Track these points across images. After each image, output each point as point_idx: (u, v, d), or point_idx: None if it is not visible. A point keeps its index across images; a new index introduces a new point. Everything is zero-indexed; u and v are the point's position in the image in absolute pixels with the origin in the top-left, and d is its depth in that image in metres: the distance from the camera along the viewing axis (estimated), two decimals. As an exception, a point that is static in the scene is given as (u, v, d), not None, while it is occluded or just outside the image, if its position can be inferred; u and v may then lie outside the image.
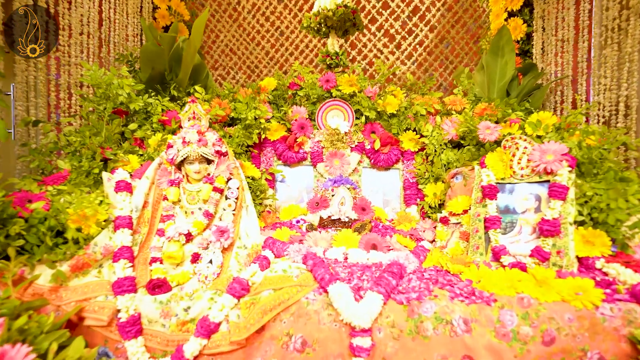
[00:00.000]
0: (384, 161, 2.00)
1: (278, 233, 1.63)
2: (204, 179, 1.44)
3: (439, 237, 1.61)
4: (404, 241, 1.59)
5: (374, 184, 2.05)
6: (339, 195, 1.91)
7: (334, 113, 2.07)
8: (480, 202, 1.46)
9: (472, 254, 1.42)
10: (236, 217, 1.41)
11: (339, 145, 2.02)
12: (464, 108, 2.00)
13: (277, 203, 2.04)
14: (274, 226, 1.81)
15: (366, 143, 2.05)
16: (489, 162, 1.49)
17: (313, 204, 1.91)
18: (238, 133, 1.94)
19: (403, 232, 1.71)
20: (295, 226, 1.78)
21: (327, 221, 1.81)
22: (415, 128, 1.99)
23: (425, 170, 1.94)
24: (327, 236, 1.56)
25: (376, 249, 1.50)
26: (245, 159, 1.98)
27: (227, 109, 1.99)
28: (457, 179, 1.73)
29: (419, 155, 2.00)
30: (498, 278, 1.21)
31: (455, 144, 1.94)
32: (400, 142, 2.01)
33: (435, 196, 1.82)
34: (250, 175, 1.90)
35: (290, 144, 2.02)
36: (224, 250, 1.33)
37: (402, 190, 2.02)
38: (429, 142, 1.92)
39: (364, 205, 1.89)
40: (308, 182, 2.07)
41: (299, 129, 2.06)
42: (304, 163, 2.08)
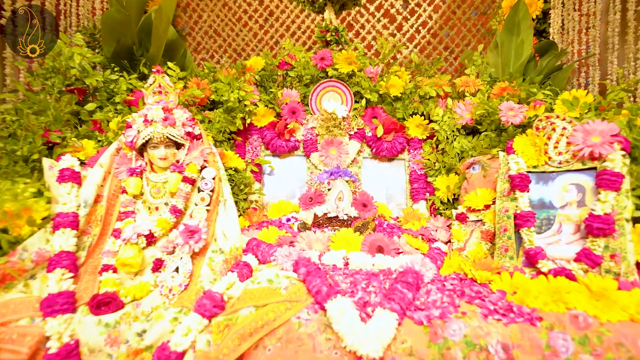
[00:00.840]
0: (387, 150, 1.74)
1: (264, 233, 1.36)
2: (171, 167, 1.17)
3: (456, 238, 1.36)
4: (414, 242, 1.33)
5: (376, 177, 1.79)
6: (336, 190, 1.65)
7: (330, 95, 1.81)
8: (508, 194, 1.21)
9: (500, 258, 1.17)
10: (211, 214, 1.14)
11: (335, 132, 1.76)
12: (478, 90, 1.75)
13: (264, 199, 1.77)
14: (260, 225, 1.55)
15: (367, 130, 1.79)
16: (517, 147, 1.24)
17: (306, 200, 1.65)
18: (219, 117, 1.67)
19: (412, 232, 1.45)
20: (285, 225, 1.51)
21: (323, 219, 1.55)
22: (423, 112, 1.74)
23: (435, 161, 1.68)
24: (323, 237, 1.30)
25: (383, 252, 1.24)
26: (227, 147, 1.71)
27: (206, 90, 1.72)
28: (475, 169, 1.49)
29: (427, 143, 1.74)
30: (539, 289, 0.96)
31: (470, 130, 1.69)
32: (406, 128, 1.76)
33: (448, 189, 1.57)
34: (233, 166, 1.63)
35: (279, 130, 1.76)
36: (194, 255, 1.06)
37: (409, 183, 1.76)
38: (439, 128, 1.67)
39: (365, 200, 1.64)
40: (300, 174, 1.80)
41: (289, 113, 1.80)
42: (295, 153, 1.81)
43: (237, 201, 1.61)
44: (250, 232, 1.42)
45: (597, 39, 1.81)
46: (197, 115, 1.66)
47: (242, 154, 1.77)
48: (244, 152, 1.78)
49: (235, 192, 1.61)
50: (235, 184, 1.61)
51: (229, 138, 1.74)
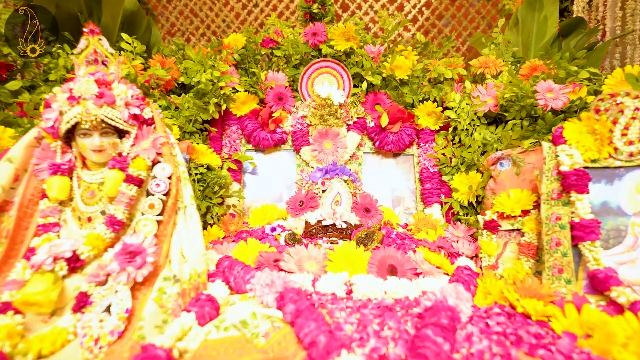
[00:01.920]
0: (393, 144, 1.45)
1: (241, 249, 1.05)
2: (110, 162, 0.85)
3: (485, 251, 1.07)
4: (435, 259, 1.04)
5: (379, 176, 1.50)
6: (333, 191, 1.35)
7: (324, 78, 1.51)
8: (559, 197, 0.93)
9: (551, 281, 0.89)
10: (164, 227, 0.83)
11: (331, 121, 1.46)
12: (500, 72, 1.47)
13: (245, 203, 1.46)
14: (239, 236, 1.24)
15: (368, 119, 1.50)
16: (570, 136, 0.95)
17: (295, 204, 1.35)
18: (188, 103, 1.35)
19: (428, 244, 1.16)
20: (269, 237, 1.20)
21: (316, 228, 1.25)
22: (436, 98, 1.46)
23: (451, 156, 1.40)
24: (318, 254, 0.99)
25: (396, 273, 0.94)
26: (199, 140, 1.40)
27: (173, 71, 1.40)
28: (503, 165, 1.20)
29: (440, 135, 1.46)
30: (628, 333, 0.67)
31: (492, 118, 1.41)
32: (415, 117, 1.47)
33: (470, 190, 1.28)
34: (205, 163, 1.31)
35: (263, 120, 1.45)
36: (136, 286, 0.75)
37: (419, 183, 1.47)
38: (456, 117, 1.38)
39: (368, 204, 1.34)
40: (289, 173, 1.50)
41: (275, 100, 1.49)
42: (282, 147, 1.51)
43: (209, 206, 1.30)
44: (225, 246, 1.11)
45: (637, 12, 1.55)
46: (161, 101, 1.35)
47: (218, 149, 1.46)
48: (220, 146, 1.47)
49: (207, 195, 1.30)
50: (207, 184, 1.29)
51: (202, 129, 1.43)
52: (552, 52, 1.36)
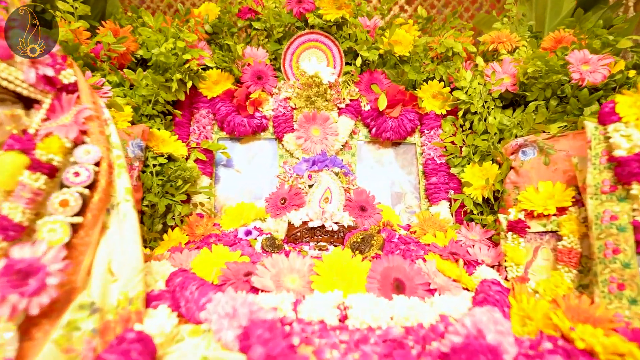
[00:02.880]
0: (392, 131, 1.23)
1: (203, 259, 0.82)
2: (7, 141, 0.61)
3: (512, 259, 0.86)
4: (450, 270, 0.82)
5: (376, 168, 1.28)
6: (321, 186, 1.13)
7: (312, 54, 1.28)
8: (612, 190, 0.72)
9: (608, 300, 0.68)
10: (85, 233, 0.59)
11: (319, 103, 1.23)
12: (515, 48, 1.27)
13: (217, 200, 1.22)
14: (205, 241, 1.00)
15: (364, 101, 1.28)
16: (626, 112, 0.74)
17: (277, 202, 1.12)
18: (146, 79, 1.11)
19: (438, 250, 0.94)
20: (242, 243, 0.97)
21: (302, 231, 1.02)
22: (442, 77, 1.24)
23: (461, 144, 1.18)
24: (302, 264, 0.76)
25: (404, 290, 0.72)
26: (160, 125, 1.16)
27: (129, 42, 1.16)
28: (526, 153, 1.00)
29: (447, 120, 1.24)
30: None
31: (508, 101, 1.20)
32: (419, 99, 1.25)
33: (486, 184, 1.06)
34: (166, 152, 1.08)
35: (239, 102, 1.21)
36: (34, 321, 0.51)
37: (423, 177, 1.26)
38: (467, 99, 1.17)
39: (364, 202, 1.12)
40: (269, 165, 1.27)
41: (254, 79, 1.26)
42: (262, 135, 1.28)
43: (169, 205, 1.06)
44: (185, 255, 0.87)
45: (669, -19, 1.36)
46: (111, 76, 1.10)
47: (185, 136, 1.22)
48: (187, 133, 1.23)
49: (169, 192, 1.06)
50: (168, 178, 1.05)
51: (165, 112, 1.19)
52: (583, 18, 1.16)
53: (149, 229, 1.03)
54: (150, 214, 1.03)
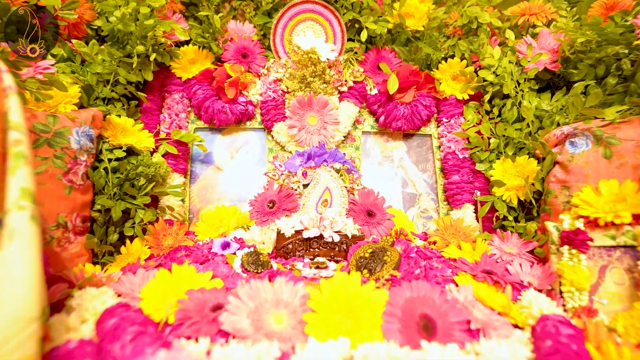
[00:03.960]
0: (404, 119, 1.02)
1: (158, 283, 0.60)
2: None
3: (572, 282, 0.65)
4: (491, 297, 0.61)
5: (384, 164, 1.07)
6: (319, 186, 0.92)
7: (308, 27, 1.07)
8: None
9: None
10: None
11: (316, 86, 1.02)
12: (550, 20, 1.06)
13: (193, 203, 1.01)
14: (171, 256, 0.79)
15: (369, 84, 1.07)
16: None
17: (263, 206, 0.90)
18: (102, 54, 0.90)
19: (467, 267, 0.73)
20: (217, 260, 0.75)
21: (295, 242, 0.81)
22: (464, 55, 1.03)
23: (489, 135, 0.97)
24: (292, 295, 0.55)
25: (434, 334, 0.51)
26: (123, 111, 0.94)
27: (83, 9, 0.95)
28: (576, 145, 0.80)
29: (470, 107, 1.03)
30: None
31: (544, 83, 0.99)
32: (436, 82, 1.04)
33: (525, 183, 0.85)
34: (125, 144, 0.86)
35: (219, 84, 1.00)
36: None
37: (441, 174, 1.05)
38: (495, 80, 0.96)
39: (372, 205, 0.91)
40: (256, 160, 1.05)
41: (237, 57, 1.05)
42: (246, 125, 1.06)
43: (127, 210, 0.84)
44: (140, 276, 0.65)
45: None
46: (57, 49, 0.89)
47: (152, 124, 1.00)
48: (155, 121, 1.01)
49: (129, 194, 0.85)
50: (127, 176, 0.84)
51: (129, 96, 0.97)
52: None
53: (101, 240, 0.81)
54: (103, 222, 0.81)
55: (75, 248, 0.75)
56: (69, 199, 0.74)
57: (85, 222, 0.78)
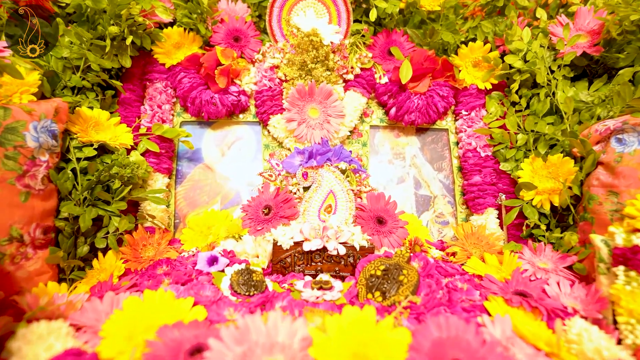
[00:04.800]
0: (418, 112, 0.90)
1: (125, 316, 0.49)
2: None
3: (631, 312, 0.54)
4: (533, 331, 0.50)
5: (396, 163, 0.95)
6: (322, 189, 0.80)
7: (307, 6, 0.94)
8: None
9: None
10: None
11: (318, 73, 0.89)
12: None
13: (180, 207, 0.89)
14: (149, 273, 0.67)
15: (379, 72, 0.94)
16: None
17: (257, 212, 0.79)
18: (68, 35, 0.77)
19: (497, 288, 0.62)
20: (201, 280, 0.64)
21: (294, 256, 0.70)
22: (487, 39, 0.91)
23: (515, 130, 0.85)
24: (289, 336, 0.44)
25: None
26: (95, 102, 0.82)
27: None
28: (625, 142, 0.70)
29: (493, 97, 0.91)
30: None
31: (580, 70, 0.87)
32: (455, 69, 0.92)
33: (563, 187, 0.74)
34: (97, 141, 0.75)
35: (208, 71, 0.88)
36: None
37: (460, 174, 0.93)
38: (524, 67, 0.84)
39: (383, 210, 0.79)
40: (250, 158, 0.93)
41: (228, 40, 0.92)
42: (239, 118, 0.94)
43: (99, 217, 0.72)
44: (106, 302, 0.54)
45: None
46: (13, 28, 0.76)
47: (131, 118, 0.88)
48: (136, 114, 0.89)
49: (102, 199, 0.73)
50: (98, 179, 0.72)
51: (103, 85, 0.85)
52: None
53: (68, 253, 0.69)
54: (71, 232, 0.70)
55: (34, 265, 0.63)
56: (25, 207, 0.62)
57: (47, 233, 0.66)
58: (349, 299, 0.61)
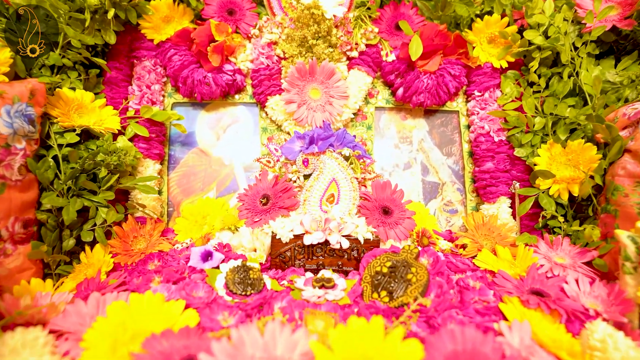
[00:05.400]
0: (428, 92, 0.83)
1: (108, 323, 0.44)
2: None
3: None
4: (554, 338, 0.46)
5: (402, 148, 0.89)
6: (324, 178, 0.74)
7: (308, -26, 0.85)
8: None
9: None
10: None
11: (320, 50, 0.82)
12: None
13: (172, 194, 0.84)
14: (139, 269, 0.63)
15: (386, 48, 0.87)
16: None
17: (255, 202, 0.74)
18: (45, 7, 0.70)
19: (512, 287, 0.58)
20: (194, 278, 0.59)
21: (294, 249, 0.65)
22: (505, 12, 0.83)
23: (533, 113, 0.79)
24: (289, 349, 0.39)
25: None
26: (78, 83, 0.75)
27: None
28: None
29: (509, 77, 0.84)
30: None
31: (606, 47, 0.80)
32: (468, 45, 0.84)
33: (584, 175, 0.68)
34: (80, 126, 0.69)
35: (200, 48, 0.80)
36: None
37: (470, 159, 0.87)
38: (545, 43, 0.76)
39: (389, 200, 0.74)
40: (247, 142, 0.88)
41: (222, 14, 0.85)
42: (235, 99, 0.87)
43: (86, 208, 0.67)
44: (91, 305, 0.50)
45: None
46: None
47: (119, 99, 0.81)
48: (124, 95, 0.83)
49: (87, 190, 0.68)
50: (82, 167, 0.66)
51: (86, 64, 0.78)
52: None
53: (52, 247, 0.65)
54: (55, 225, 0.65)
55: (14, 262, 0.59)
56: (1, 200, 0.57)
57: (28, 227, 0.61)
58: (353, 298, 0.57)
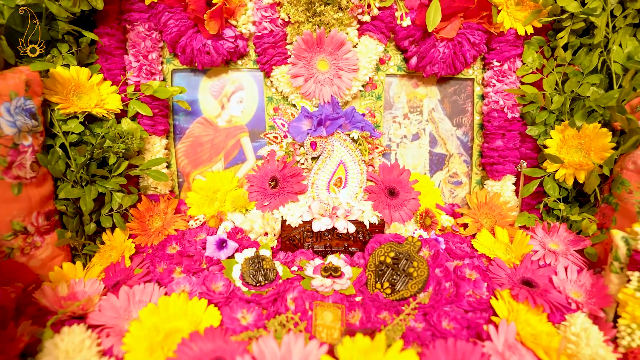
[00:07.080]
0: (443, 62, 0.78)
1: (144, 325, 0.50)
2: None
3: (635, 318, 0.55)
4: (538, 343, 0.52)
5: (412, 118, 0.86)
6: (332, 160, 0.74)
7: None
8: None
9: None
10: None
11: (328, 15, 0.74)
12: None
13: (180, 165, 0.86)
14: (160, 254, 0.68)
15: (400, 9, 0.78)
16: None
17: (264, 185, 0.75)
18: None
19: (506, 276, 0.63)
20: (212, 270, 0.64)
21: (302, 233, 0.69)
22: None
23: (552, 91, 0.75)
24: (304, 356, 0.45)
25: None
26: (70, 58, 0.70)
27: None
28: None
29: (533, 44, 0.78)
30: None
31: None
32: (493, 8, 0.76)
33: (593, 164, 0.68)
34: (82, 110, 0.67)
35: (196, 13, 0.73)
36: None
37: (480, 132, 0.86)
38: (579, 10, 0.69)
39: (395, 181, 0.75)
40: (252, 110, 0.85)
41: (218, -34, 0.75)
42: (238, 64, 0.82)
43: (104, 193, 0.69)
44: (123, 298, 0.56)
45: None
46: None
47: (115, 71, 0.77)
48: (120, 64, 0.78)
49: (98, 175, 0.69)
50: (91, 155, 0.67)
51: (76, 35, 0.72)
52: None
53: (76, 232, 0.69)
54: (74, 212, 0.68)
55: (45, 252, 0.63)
56: (20, 200, 0.59)
57: (51, 217, 0.64)
58: (358, 287, 0.62)
